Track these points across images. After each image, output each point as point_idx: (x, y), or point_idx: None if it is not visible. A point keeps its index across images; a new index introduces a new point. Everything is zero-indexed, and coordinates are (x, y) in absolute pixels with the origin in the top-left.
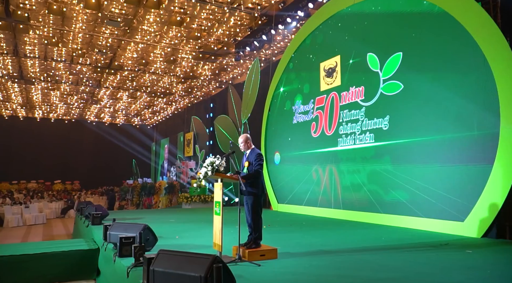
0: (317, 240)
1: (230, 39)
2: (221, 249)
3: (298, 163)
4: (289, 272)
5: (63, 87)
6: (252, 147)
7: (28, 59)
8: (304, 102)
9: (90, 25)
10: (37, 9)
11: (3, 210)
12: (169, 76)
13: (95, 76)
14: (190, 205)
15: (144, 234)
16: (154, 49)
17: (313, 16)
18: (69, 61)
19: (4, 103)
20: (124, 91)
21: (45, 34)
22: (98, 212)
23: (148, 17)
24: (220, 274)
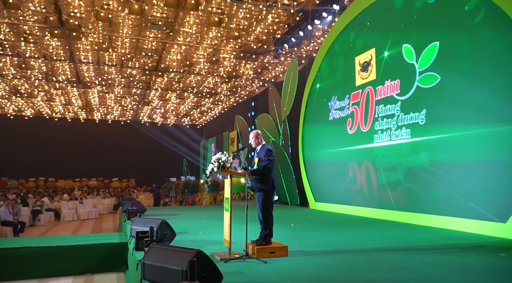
0: (340, 239)
1: (269, 37)
2: (230, 245)
3: (334, 161)
4: (291, 270)
5: (116, 90)
6: (263, 143)
7: (83, 64)
8: (339, 98)
9: (135, 30)
10: (86, 17)
11: (60, 205)
12: (213, 76)
13: (144, 79)
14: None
15: (161, 229)
16: (196, 50)
17: (347, 9)
18: (120, 65)
19: (66, 107)
20: (172, 92)
21: (96, 41)
22: (134, 208)
23: (188, 19)
24: (201, 268)
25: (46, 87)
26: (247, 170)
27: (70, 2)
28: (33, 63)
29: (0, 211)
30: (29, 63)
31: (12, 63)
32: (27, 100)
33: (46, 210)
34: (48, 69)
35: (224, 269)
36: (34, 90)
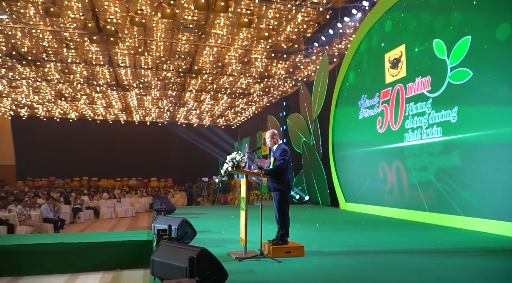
0: (362, 240)
1: (300, 36)
2: (245, 243)
3: (364, 160)
4: (304, 270)
5: (153, 92)
6: (279, 143)
7: (121, 68)
8: (369, 96)
9: (168, 33)
10: (122, 23)
11: (99, 203)
12: (245, 77)
13: (179, 81)
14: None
15: (182, 227)
16: (228, 51)
17: (376, 6)
18: (155, 68)
19: (107, 109)
20: (206, 93)
21: (132, 45)
22: (163, 207)
23: (218, 21)
24: (205, 266)
25: (88, 91)
26: (261, 170)
27: (107, 8)
28: (75, 68)
29: (42, 209)
30: (71, 68)
31: (56, 68)
32: (71, 103)
33: (86, 208)
34: (89, 73)
35: (237, 268)
36: (77, 94)
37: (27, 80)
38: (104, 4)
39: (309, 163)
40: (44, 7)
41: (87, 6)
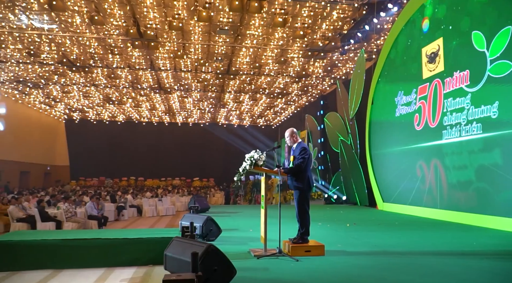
0: (391, 241)
1: (336, 34)
2: (265, 241)
3: (402, 159)
4: (319, 269)
5: (194, 94)
6: (299, 141)
7: (162, 71)
8: (406, 92)
9: (205, 36)
10: (161, 27)
11: (142, 202)
12: (283, 77)
13: (218, 82)
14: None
15: (206, 225)
16: (264, 51)
17: None
18: (194, 71)
19: (151, 111)
20: (244, 94)
21: (171, 49)
22: (196, 205)
23: (253, 22)
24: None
25: (133, 94)
26: (279, 168)
27: (146, 15)
28: (120, 73)
29: (87, 207)
30: (116, 73)
31: (102, 73)
32: (118, 106)
33: (130, 207)
34: (133, 77)
35: (253, 265)
36: (123, 97)
37: (78, 85)
38: (143, 11)
39: (347, 162)
40: (89, 15)
41: (128, 13)
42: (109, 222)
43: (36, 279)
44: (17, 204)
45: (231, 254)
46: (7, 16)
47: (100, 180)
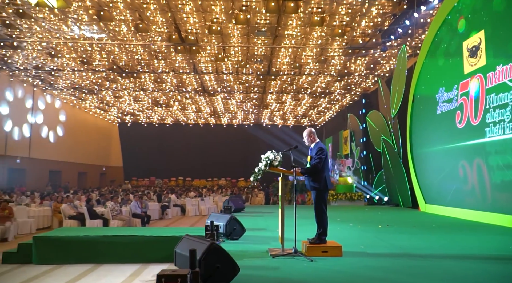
0: (420, 243)
1: (376, 30)
2: (282, 241)
3: (443, 158)
4: (332, 270)
5: (236, 96)
6: (316, 141)
7: (205, 74)
8: (447, 89)
9: (244, 38)
10: (201, 32)
11: (185, 201)
12: (324, 76)
13: (259, 83)
14: (336, 202)
15: (230, 224)
16: (303, 51)
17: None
18: (235, 73)
19: (197, 114)
20: (286, 94)
21: (212, 52)
22: (229, 205)
23: (290, 22)
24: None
25: (178, 97)
26: (295, 169)
27: (186, 20)
28: (165, 77)
29: (131, 205)
30: (162, 78)
31: (149, 78)
32: (166, 109)
33: (174, 206)
34: (178, 81)
35: (265, 264)
36: (170, 101)
37: (128, 90)
38: (183, 17)
39: (389, 162)
40: (134, 24)
41: (169, 19)
42: (154, 220)
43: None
44: (69, 203)
45: (249, 253)
46: (61, 28)
47: (151, 180)
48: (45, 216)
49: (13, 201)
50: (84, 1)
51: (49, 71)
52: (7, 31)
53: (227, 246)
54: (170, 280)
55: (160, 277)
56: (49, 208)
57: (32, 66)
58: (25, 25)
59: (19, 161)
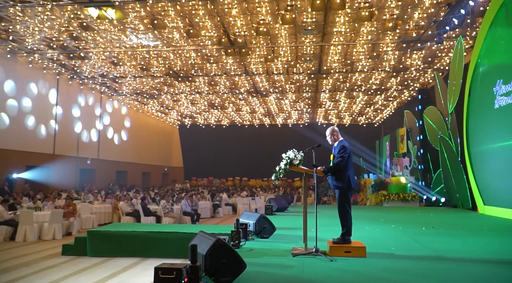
0: (457, 247)
1: (430, 21)
2: (305, 240)
3: (503, 156)
4: (348, 270)
5: (289, 96)
6: (340, 139)
7: (256, 76)
8: (505, 81)
9: (291, 38)
10: (249, 34)
11: (236, 200)
12: (378, 72)
13: (311, 82)
14: (388, 203)
15: (260, 222)
16: (354, 48)
17: None
18: (286, 73)
19: (252, 114)
20: (340, 92)
21: (261, 53)
22: (270, 204)
23: (338, 19)
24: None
25: (232, 99)
26: (316, 168)
27: (234, 23)
28: (218, 80)
29: (182, 204)
30: (216, 80)
31: (204, 81)
32: (222, 111)
33: (226, 205)
34: (231, 83)
35: (283, 262)
36: (225, 103)
37: (184, 93)
38: (230, 20)
39: (447, 161)
40: (185, 30)
41: (217, 24)
42: (205, 218)
43: (124, 265)
44: (126, 200)
45: (273, 251)
46: (121, 38)
47: (209, 180)
48: (106, 213)
49: (80, 198)
50: (139, 11)
51: (113, 79)
52: (75, 43)
53: (254, 244)
54: (166, 273)
55: (157, 269)
56: (110, 206)
57: (98, 74)
58: (90, 37)
59: (90, 162)
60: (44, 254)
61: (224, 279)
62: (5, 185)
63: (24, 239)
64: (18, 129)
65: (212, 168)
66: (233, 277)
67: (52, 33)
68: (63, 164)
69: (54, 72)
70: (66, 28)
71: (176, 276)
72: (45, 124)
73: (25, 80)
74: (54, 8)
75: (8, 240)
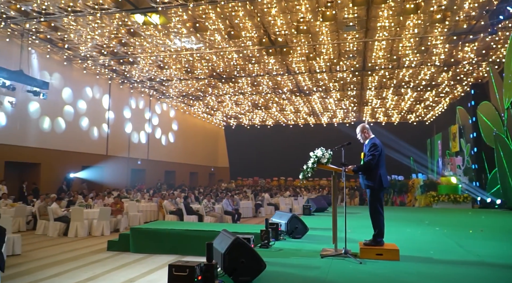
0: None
1: (482, 11)
2: (335, 241)
3: None
4: (379, 274)
5: (333, 94)
6: (371, 137)
7: (299, 75)
8: None
9: (333, 35)
10: (289, 33)
11: (279, 200)
12: (427, 67)
13: (356, 80)
14: (437, 204)
15: (291, 222)
16: (400, 42)
17: None
18: (329, 71)
19: (296, 114)
20: (387, 89)
21: (303, 52)
22: (308, 205)
23: (381, 13)
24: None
25: (276, 99)
26: (345, 166)
27: (274, 23)
28: (260, 80)
29: (223, 203)
30: (258, 81)
31: (246, 82)
32: (266, 111)
33: (268, 204)
34: (273, 83)
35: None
36: (268, 103)
37: (228, 94)
38: (270, 20)
39: (503, 160)
40: (226, 31)
41: (258, 24)
42: (246, 218)
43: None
44: (170, 199)
45: (302, 251)
46: (166, 42)
47: (254, 180)
48: (152, 211)
49: (129, 197)
50: (181, 15)
51: (160, 82)
52: (124, 49)
53: (285, 244)
54: (179, 271)
55: (171, 266)
56: (156, 204)
57: (146, 78)
58: (137, 43)
59: (140, 163)
60: (92, 249)
61: (243, 279)
62: (64, 184)
63: (75, 235)
64: (74, 131)
65: (257, 168)
66: (252, 277)
67: (102, 40)
68: (116, 164)
69: (106, 77)
70: (115, 35)
71: (189, 274)
72: (98, 127)
73: (81, 85)
74: (103, 16)
75: (62, 236)
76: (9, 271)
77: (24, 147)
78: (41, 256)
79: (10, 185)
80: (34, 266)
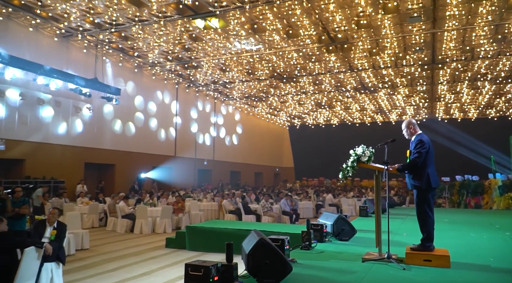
0: None
1: None
2: (378, 245)
3: None
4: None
5: (401, 90)
6: (417, 133)
7: (362, 71)
8: None
9: (396, 27)
10: (349, 28)
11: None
12: (506, 57)
13: (425, 74)
14: None
15: (337, 224)
16: (473, 31)
17: None
18: (394, 66)
19: (362, 112)
20: (461, 83)
21: (365, 47)
22: (365, 206)
23: (449, 1)
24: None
25: (340, 97)
26: (387, 165)
27: (332, 19)
28: (322, 78)
29: (281, 203)
30: (320, 79)
31: (308, 81)
32: (330, 110)
33: (329, 205)
34: (336, 81)
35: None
36: (332, 101)
37: (290, 94)
38: (328, 16)
39: None
40: (284, 31)
41: (316, 21)
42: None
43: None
44: (229, 199)
45: (343, 254)
46: (226, 45)
47: (320, 180)
48: (213, 210)
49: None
50: (239, 18)
51: (224, 84)
52: (187, 54)
53: (329, 246)
54: (195, 270)
55: (187, 266)
56: (217, 203)
57: (210, 81)
58: (199, 47)
59: (206, 163)
60: (152, 245)
61: (268, 281)
62: (135, 184)
63: (140, 231)
64: (144, 134)
65: (323, 168)
66: (277, 280)
67: (168, 46)
68: (183, 164)
69: (173, 82)
70: (179, 40)
71: (204, 274)
72: (166, 129)
73: (150, 90)
74: (167, 24)
75: (129, 232)
76: (74, 264)
77: (100, 149)
78: (106, 251)
79: (89, 184)
80: (98, 260)
